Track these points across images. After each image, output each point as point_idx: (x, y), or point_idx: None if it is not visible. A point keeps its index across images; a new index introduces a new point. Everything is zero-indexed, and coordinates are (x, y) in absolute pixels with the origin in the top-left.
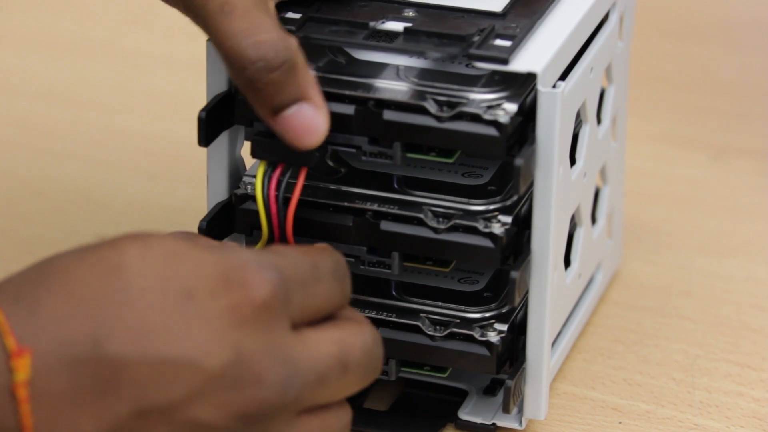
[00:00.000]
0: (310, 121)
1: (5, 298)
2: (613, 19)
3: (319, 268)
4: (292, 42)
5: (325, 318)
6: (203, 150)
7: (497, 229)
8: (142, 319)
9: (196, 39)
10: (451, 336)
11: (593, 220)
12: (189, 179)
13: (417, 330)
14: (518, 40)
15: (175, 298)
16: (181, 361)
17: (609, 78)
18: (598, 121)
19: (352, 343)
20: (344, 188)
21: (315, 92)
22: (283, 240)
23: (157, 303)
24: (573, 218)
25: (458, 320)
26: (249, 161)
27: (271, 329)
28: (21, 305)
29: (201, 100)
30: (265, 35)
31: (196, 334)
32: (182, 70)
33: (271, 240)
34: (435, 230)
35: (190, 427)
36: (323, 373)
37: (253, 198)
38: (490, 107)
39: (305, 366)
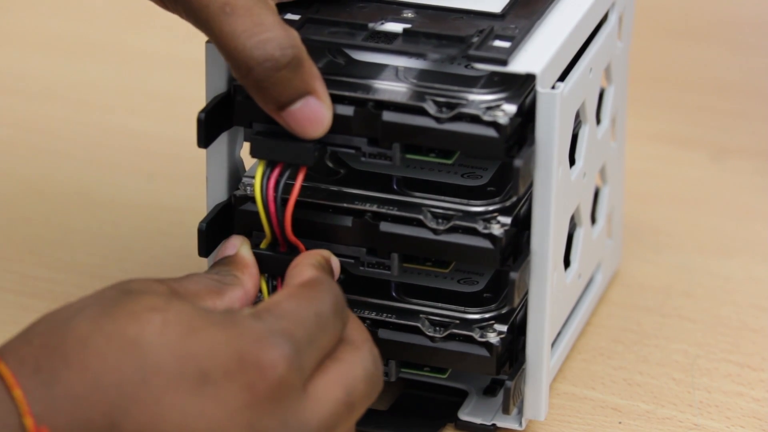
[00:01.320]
0: (315, 113)
1: (24, 368)
2: (612, 20)
3: (322, 315)
4: (296, 37)
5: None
6: (203, 150)
7: (497, 230)
8: (157, 402)
9: (196, 39)
10: (451, 337)
11: (593, 220)
12: (189, 179)
13: (417, 331)
14: (517, 41)
15: (191, 381)
16: None
17: (608, 78)
18: (598, 121)
19: (354, 378)
20: (344, 189)
21: (320, 84)
22: (285, 240)
23: (173, 385)
24: (573, 218)
25: (458, 321)
26: (248, 162)
27: (286, 404)
28: (39, 378)
29: (201, 100)
30: (268, 33)
31: (211, 416)
32: (182, 70)
33: (273, 240)
34: (434, 231)
35: None
36: (333, 421)
37: (253, 199)
38: (489, 108)
39: (316, 424)
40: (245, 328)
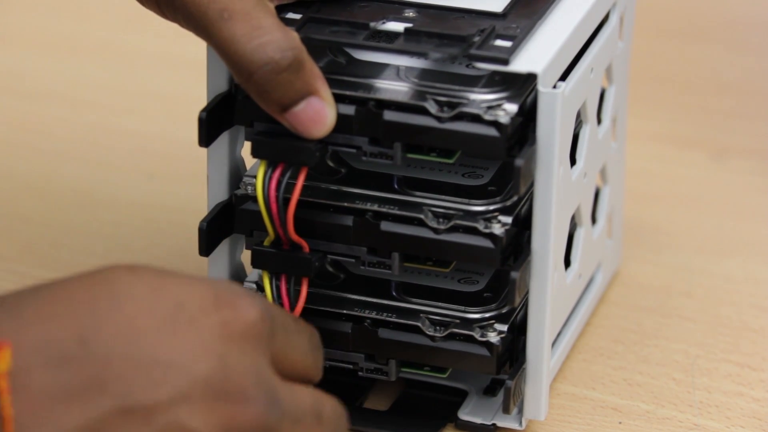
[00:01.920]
0: (318, 113)
1: None
2: (613, 20)
3: (300, 323)
4: (296, 38)
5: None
6: (203, 150)
7: (497, 229)
8: (130, 322)
9: (196, 39)
10: (451, 336)
11: (593, 220)
12: (189, 179)
13: (417, 330)
14: (519, 40)
15: (165, 307)
16: (168, 363)
17: (609, 78)
18: (599, 121)
19: (324, 401)
20: (344, 189)
21: (322, 84)
22: (288, 239)
23: (146, 309)
24: (573, 218)
25: (458, 321)
26: (249, 162)
27: (256, 353)
28: (2, 309)
29: (201, 100)
30: (267, 36)
31: (185, 340)
32: (182, 70)
33: (276, 239)
34: (435, 231)
35: (172, 430)
36: (300, 413)
37: (254, 198)
38: (490, 108)
39: (285, 400)
40: (223, 281)
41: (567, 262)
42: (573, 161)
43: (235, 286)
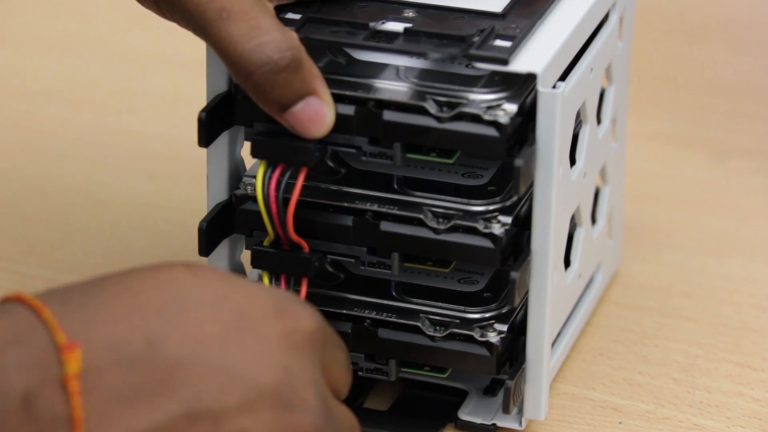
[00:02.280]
0: (317, 112)
1: (52, 300)
2: (613, 20)
3: (340, 339)
4: (294, 38)
5: None
6: (203, 150)
7: (497, 229)
8: (197, 328)
9: (196, 39)
10: (451, 336)
11: (593, 220)
12: (189, 179)
13: (417, 330)
14: (518, 40)
15: (230, 315)
16: (236, 372)
17: (609, 78)
18: (598, 121)
19: (356, 423)
20: (344, 189)
21: (320, 84)
22: (287, 239)
23: (212, 316)
24: (573, 218)
25: (458, 321)
26: (249, 162)
27: (314, 362)
28: (70, 307)
29: (201, 100)
30: (266, 36)
31: (251, 349)
32: (182, 70)
33: (276, 239)
34: (435, 231)
35: None
36: (346, 430)
37: (253, 198)
38: (490, 108)
39: (335, 415)
40: (278, 289)
41: (567, 262)
42: (573, 161)
43: (291, 295)
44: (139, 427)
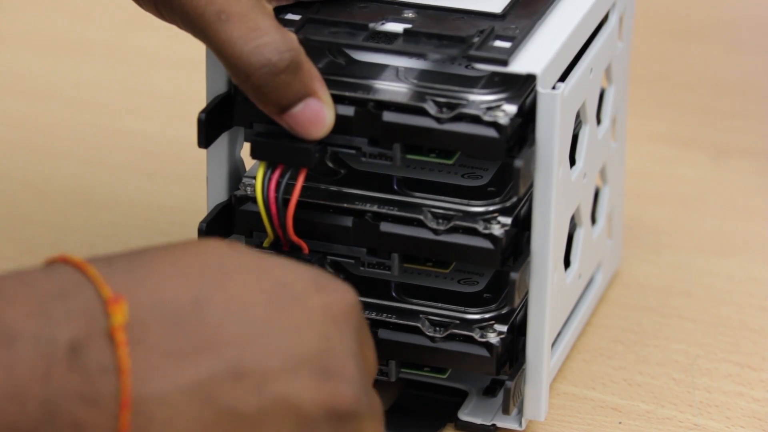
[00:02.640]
0: (317, 114)
1: (98, 262)
2: (612, 20)
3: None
4: (293, 40)
5: None
6: (203, 150)
7: (497, 230)
8: (241, 292)
9: (196, 40)
10: (451, 337)
11: (593, 220)
12: (189, 179)
13: (417, 331)
14: (518, 41)
15: (271, 284)
16: (279, 336)
17: (609, 78)
18: (598, 121)
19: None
20: (344, 189)
21: (320, 85)
22: (287, 240)
23: (254, 283)
24: (573, 219)
25: (458, 321)
26: (249, 162)
27: (354, 336)
28: (115, 268)
29: (201, 101)
30: (265, 38)
31: (293, 316)
32: (182, 70)
33: (276, 240)
34: (435, 231)
35: (280, 403)
36: (378, 408)
37: (253, 199)
38: (489, 108)
39: (370, 392)
40: (315, 268)
41: (567, 263)
42: (573, 161)
43: (329, 273)
44: (185, 380)
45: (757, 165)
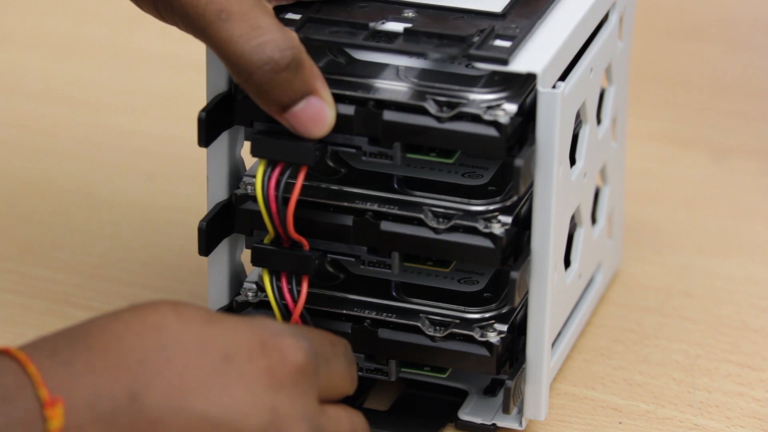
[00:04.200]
0: (318, 112)
1: (40, 353)
2: (612, 20)
3: (336, 346)
4: (294, 38)
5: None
6: (203, 150)
7: (497, 229)
8: (180, 377)
9: (195, 39)
10: (451, 336)
11: (593, 220)
12: (189, 179)
13: (417, 330)
14: (518, 40)
15: (214, 360)
16: (219, 421)
17: (609, 78)
18: (598, 121)
19: (359, 423)
20: (344, 188)
21: (321, 84)
22: (288, 237)
23: (195, 363)
24: (573, 218)
25: (458, 321)
26: (249, 161)
27: (304, 395)
28: (56, 360)
29: (201, 100)
30: (266, 36)
31: (235, 395)
32: (182, 70)
33: (276, 238)
34: (435, 230)
35: None
36: None
37: (253, 198)
38: (489, 108)
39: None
40: (265, 322)
41: (567, 262)
42: (573, 161)
43: (279, 326)
44: None
45: (757, 165)
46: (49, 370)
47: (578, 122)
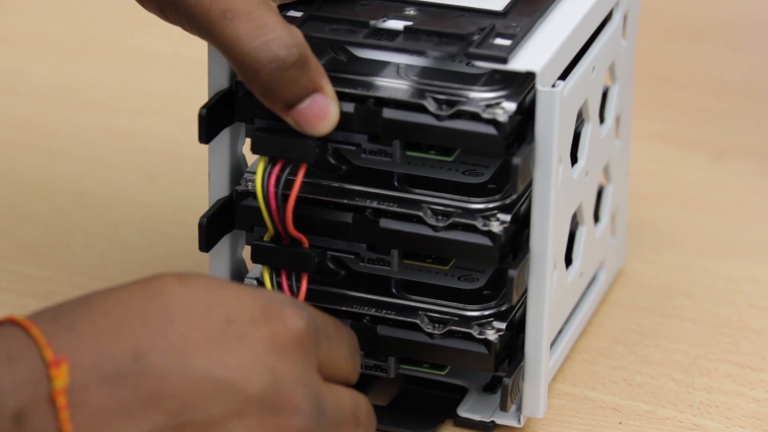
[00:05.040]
0: (323, 109)
1: (43, 319)
2: (616, 18)
3: (341, 329)
4: (300, 35)
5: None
6: (203, 149)
7: (496, 227)
8: (183, 338)
9: (196, 39)
10: (450, 334)
11: (596, 218)
12: (189, 179)
13: (416, 328)
14: (518, 39)
15: (216, 322)
16: (221, 380)
17: (613, 77)
18: (601, 120)
19: (362, 403)
20: (344, 186)
21: (326, 81)
22: (287, 234)
23: (198, 324)
24: (575, 216)
25: (457, 318)
26: (250, 158)
27: (304, 362)
28: (59, 324)
29: (201, 100)
30: (272, 34)
31: (237, 356)
32: (182, 69)
33: (276, 235)
34: (434, 228)
35: None
36: (342, 419)
37: (254, 194)
38: (489, 106)
39: (330, 407)
40: (268, 291)
41: (569, 260)
42: (575, 159)
43: (282, 296)
44: None
45: (757, 165)
46: (52, 333)
47: (580, 120)
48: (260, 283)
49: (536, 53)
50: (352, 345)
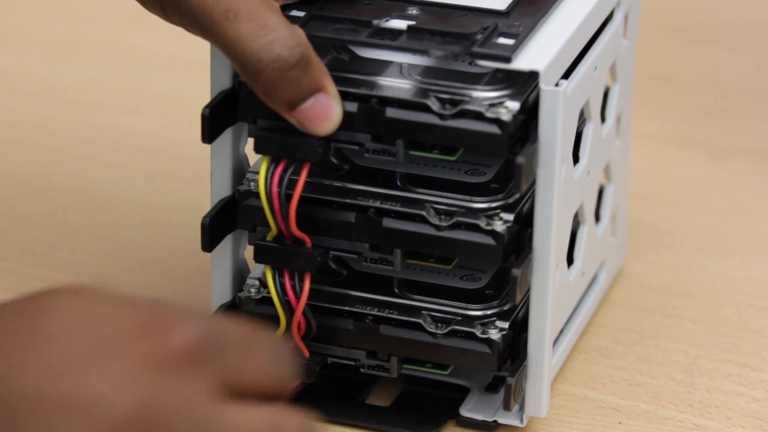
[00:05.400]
0: (326, 109)
1: None
2: (617, 18)
3: (260, 339)
4: (302, 35)
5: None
6: (204, 149)
7: (499, 226)
8: (53, 358)
9: (197, 39)
10: (453, 333)
11: (597, 218)
12: (189, 179)
13: (418, 327)
14: (521, 38)
15: (92, 340)
16: (88, 402)
17: (614, 77)
18: (603, 119)
19: (283, 420)
20: (347, 185)
21: (328, 80)
22: (290, 234)
23: (71, 343)
24: (576, 216)
25: (460, 318)
26: (252, 158)
27: (186, 385)
28: None
29: (202, 100)
30: (274, 34)
31: (107, 376)
32: (183, 69)
33: (279, 234)
34: (437, 227)
35: None
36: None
37: (256, 194)
38: (492, 105)
39: (224, 425)
40: (165, 305)
41: (570, 260)
42: (576, 159)
43: (178, 309)
44: None
45: (757, 165)
46: None
47: (582, 120)
48: (263, 283)
49: (539, 52)
50: (276, 355)
